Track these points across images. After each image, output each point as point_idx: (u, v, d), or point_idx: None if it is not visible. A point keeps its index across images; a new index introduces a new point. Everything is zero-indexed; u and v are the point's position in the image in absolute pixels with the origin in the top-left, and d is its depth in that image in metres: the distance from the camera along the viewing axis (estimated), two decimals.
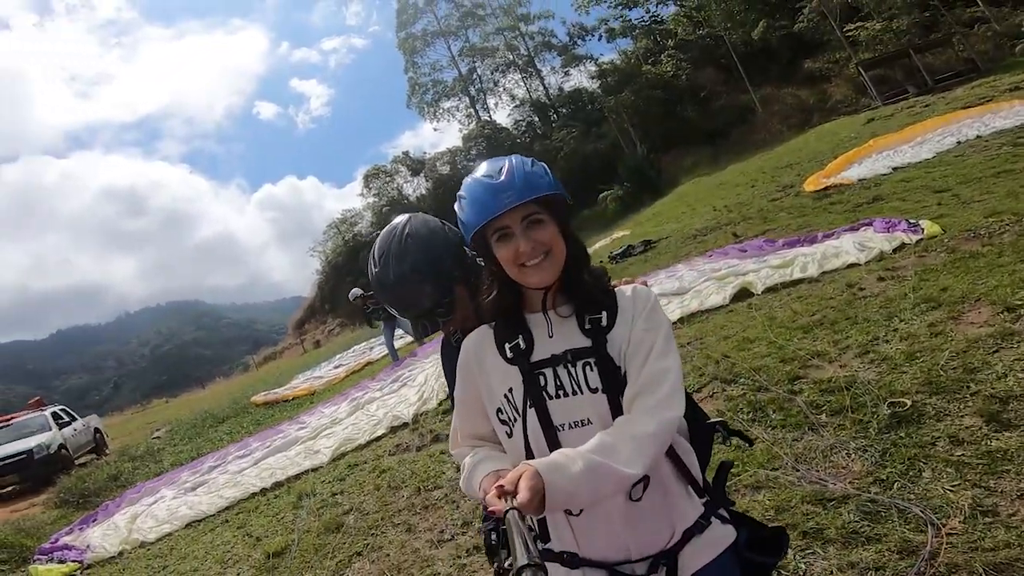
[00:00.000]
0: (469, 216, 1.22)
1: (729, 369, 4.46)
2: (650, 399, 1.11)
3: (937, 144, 11.31)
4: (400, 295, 1.48)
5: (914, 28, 26.62)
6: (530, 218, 1.19)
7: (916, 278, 4.90)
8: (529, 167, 1.22)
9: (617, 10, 42.44)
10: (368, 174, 47.19)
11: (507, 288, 1.26)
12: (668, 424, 1.10)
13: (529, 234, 1.18)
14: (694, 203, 19.07)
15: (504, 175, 1.19)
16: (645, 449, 1.06)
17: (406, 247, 1.47)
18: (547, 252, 1.19)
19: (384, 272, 1.47)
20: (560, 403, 1.17)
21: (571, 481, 0.99)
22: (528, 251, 1.18)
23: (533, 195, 1.17)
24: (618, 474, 1.02)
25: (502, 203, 1.17)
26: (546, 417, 1.17)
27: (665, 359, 1.15)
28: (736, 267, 7.53)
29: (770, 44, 32.88)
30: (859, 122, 20.45)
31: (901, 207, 7.70)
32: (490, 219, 1.18)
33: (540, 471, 0.98)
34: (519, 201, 1.16)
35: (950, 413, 2.84)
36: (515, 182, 1.18)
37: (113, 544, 5.75)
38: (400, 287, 1.46)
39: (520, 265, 1.19)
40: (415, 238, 1.48)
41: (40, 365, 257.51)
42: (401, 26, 49.35)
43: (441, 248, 1.49)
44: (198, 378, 53.24)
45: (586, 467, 1.00)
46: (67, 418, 14.83)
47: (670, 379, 1.13)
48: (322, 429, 7.82)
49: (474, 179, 1.24)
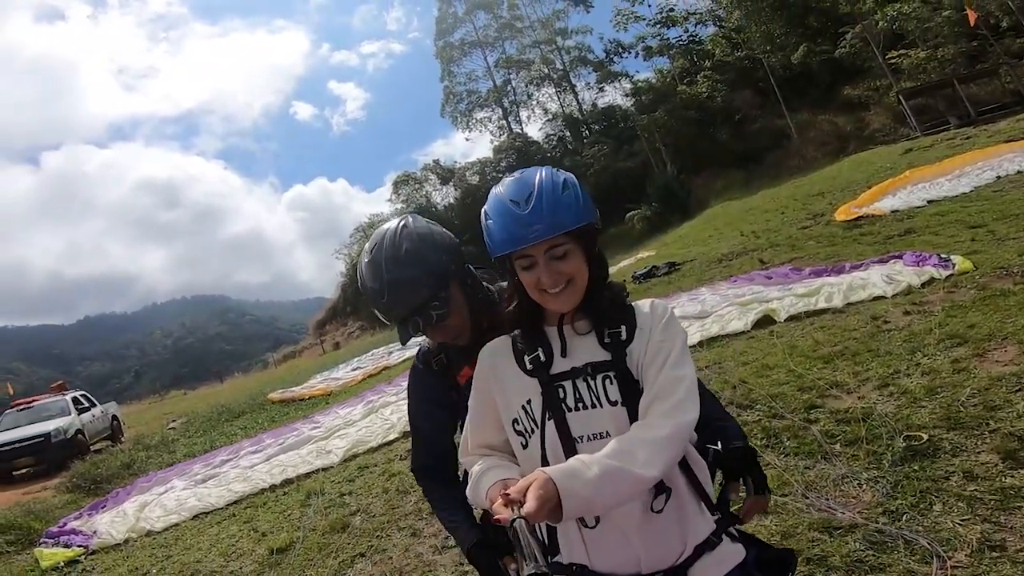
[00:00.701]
0: (494, 239, 1.21)
1: (746, 395, 4.44)
2: (665, 404, 1.11)
3: (976, 178, 11.07)
4: (392, 292, 1.41)
5: (960, 57, 26.15)
6: (554, 250, 1.17)
7: (943, 314, 4.83)
8: (559, 192, 1.18)
9: (655, 28, 42.55)
10: (398, 180, 47.67)
11: (528, 301, 1.26)
12: (683, 428, 1.11)
13: (552, 265, 1.17)
14: (722, 227, 18.94)
15: (532, 204, 1.16)
16: (661, 452, 1.06)
17: (401, 239, 1.44)
18: (569, 281, 1.19)
19: (373, 269, 1.44)
20: (579, 415, 1.17)
21: (587, 487, 0.99)
22: (550, 283, 1.18)
23: (561, 231, 1.16)
24: (635, 477, 1.02)
25: (528, 237, 1.15)
26: (565, 429, 1.17)
27: (681, 368, 1.16)
28: (760, 294, 7.47)
29: (809, 68, 32.61)
30: (896, 152, 20.13)
31: (933, 241, 7.57)
32: None
33: (555, 478, 0.98)
34: (546, 237, 1.15)
35: (966, 449, 2.80)
36: (543, 215, 1.15)
37: (120, 531, 5.80)
38: (392, 283, 1.41)
39: (541, 291, 1.20)
40: (410, 232, 1.46)
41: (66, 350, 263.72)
42: (440, 34, 49.99)
43: (437, 242, 1.46)
44: (217, 372, 53.96)
45: (602, 472, 1.00)
46: (87, 404, 15.04)
47: (685, 385, 1.14)
48: (336, 430, 7.92)
49: (500, 200, 1.21)
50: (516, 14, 48.87)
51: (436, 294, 1.42)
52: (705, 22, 42.57)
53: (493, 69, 48.64)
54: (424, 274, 1.41)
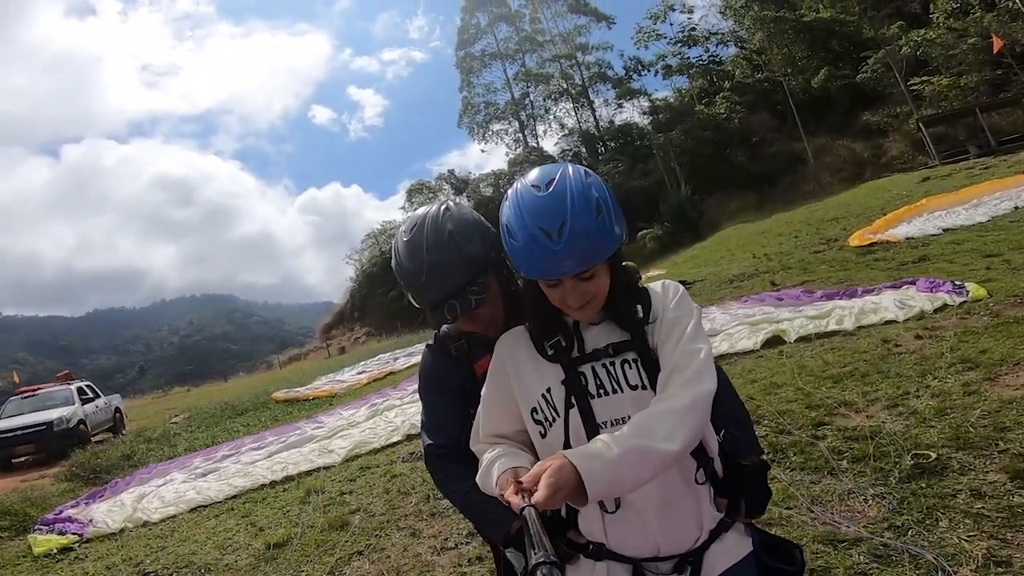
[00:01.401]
0: (520, 264, 1.18)
1: (753, 411, 4.41)
2: (683, 375, 1.10)
3: (993, 208, 11.04)
4: (435, 268, 1.36)
5: (983, 85, 26.03)
6: (584, 274, 1.15)
7: (955, 339, 4.80)
8: (593, 221, 1.12)
9: (676, 47, 42.77)
10: (412, 188, 48.21)
11: (546, 301, 1.25)
12: (703, 398, 1.09)
13: (579, 287, 1.16)
14: (734, 249, 18.91)
15: (564, 238, 1.10)
16: (682, 423, 1.04)
17: (444, 221, 1.40)
18: (593, 297, 1.19)
19: (412, 249, 1.39)
20: (602, 401, 1.17)
21: (610, 467, 0.97)
22: (576, 303, 1.17)
23: (595, 262, 1.14)
24: (659, 453, 1.00)
25: (558, 271, 1.13)
26: (590, 416, 1.17)
27: (696, 341, 1.15)
28: (771, 314, 7.45)
29: (829, 93, 32.62)
30: (913, 180, 20.06)
31: (948, 269, 7.53)
32: None
33: (575, 461, 0.96)
34: (579, 269, 1.13)
35: (975, 468, 2.78)
36: (576, 251, 1.11)
37: (116, 521, 5.77)
38: (437, 259, 1.36)
39: (565, 305, 1.20)
40: (453, 216, 1.42)
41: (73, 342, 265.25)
42: (461, 45, 50.61)
43: (479, 230, 1.43)
44: (221, 371, 54.17)
45: (625, 450, 0.98)
46: (91, 394, 14.97)
47: (702, 356, 1.13)
48: (339, 430, 7.94)
49: (527, 227, 1.13)
50: (538, 28, 49.45)
51: (475, 279, 1.37)
52: (726, 42, 42.85)
53: (512, 82, 49.15)
54: (465, 258, 1.37)
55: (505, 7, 49.89)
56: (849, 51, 32.83)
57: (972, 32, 25.58)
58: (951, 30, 26.49)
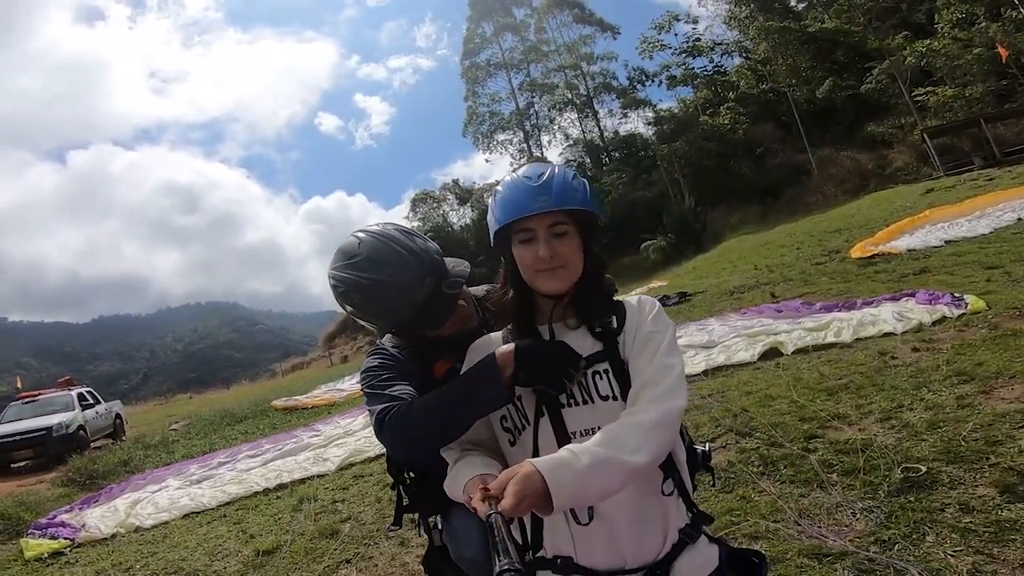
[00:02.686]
0: (499, 211, 1.24)
1: (746, 423, 4.39)
2: (654, 390, 1.11)
3: (996, 220, 10.95)
4: (408, 274, 1.42)
5: (988, 96, 25.88)
6: (556, 227, 1.20)
7: (952, 351, 4.76)
8: (570, 179, 1.23)
9: (681, 57, 42.80)
10: (416, 198, 48.09)
11: (522, 292, 1.28)
12: (673, 413, 1.10)
13: (552, 244, 1.20)
14: (736, 260, 18.86)
15: (543, 179, 1.21)
16: (651, 438, 1.05)
17: (403, 234, 1.49)
18: (563, 265, 1.21)
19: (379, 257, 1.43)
20: (574, 411, 1.18)
21: (577, 477, 0.97)
22: (546, 258, 1.19)
23: (566, 205, 1.19)
24: (625, 465, 1.01)
25: (534, 206, 1.18)
26: (561, 425, 1.17)
27: (671, 357, 1.16)
28: (769, 326, 7.41)
29: (834, 104, 32.57)
30: (917, 192, 19.99)
31: (948, 281, 7.48)
32: (519, 218, 1.20)
33: (543, 470, 0.97)
34: (551, 208, 1.18)
35: (964, 482, 2.75)
36: (552, 189, 1.19)
37: (109, 526, 5.77)
38: (405, 266, 1.43)
39: (535, 270, 1.21)
40: (403, 231, 1.51)
41: (77, 348, 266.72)
42: (467, 54, 50.60)
43: (428, 240, 1.54)
44: (224, 379, 54.21)
45: (592, 461, 0.99)
46: (91, 400, 15.06)
47: (675, 373, 1.14)
48: (335, 438, 7.93)
49: (513, 177, 1.26)
50: (543, 38, 49.42)
51: (443, 279, 1.48)
52: (731, 53, 42.89)
53: (517, 91, 49.10)
54: (432, 261, 1.48)
55: (511, 17, 50.05)
56: (854, 62, 32.75)
57: (977, 42, 25.44)
58: (956, 40, 26.34)
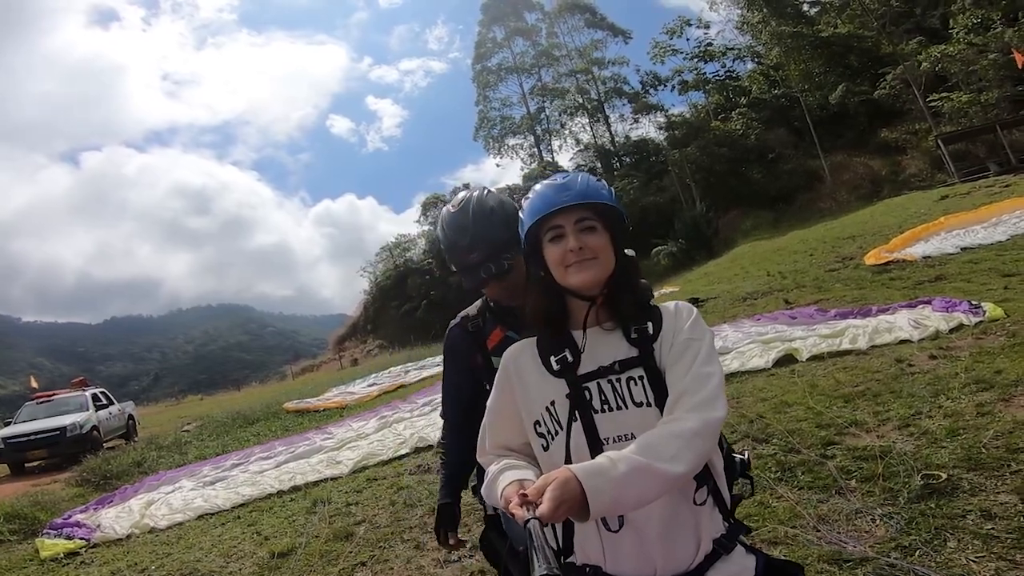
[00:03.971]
0: (528, 212, 1.28)
1: (763, 429, 4.39)
2: (693, 399, 1.11)
3: (1013, 226, 10.88)
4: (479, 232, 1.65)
5: (1004, 102, 25.59)
6: (584, 223, 1.23)
7: (970, 359, 4.75)
8: (593, 180, 1.29)
9: (693, 62, 42.54)
10: (427, 202, 47.97)
11: (553, 297, 1.28)
12: (712, 424, 1.10)
13: (580, 236, 1.22)
14: (748, 266, 18.77)
15: (567, 179, 1.28)
16: (690, 447, 1.05)
17: (487, 199, 1.71)
18: (593, 257, 1.22)
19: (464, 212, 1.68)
20: (606, 417, 1.17)
21: (615, 484, 0.97)
22: (576, 249, 1.21)
23: (591, 199, 1.23)
24: (663, 474, 1.01)
25: (560, 200, 1.23)
26: (593, 431, 1.17)
27: (710, 365, 1.16)
28: (783, 333, 7.41)
29: (847, 109, 32.32)
30: (931, 198, 19.84)
31: (965, 288, 7.44)
32: (547, 213, 1.23)
33: (580, 477, 0.97)
34: (577, 201, 1.22)
35: (985, 489, 2.75)
36: (577, 185, 1.25)
37: (123, 527, 5.79)
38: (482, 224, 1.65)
39: (565, 266, 1.22)
40: (494, 196, 1.73)
41: (90, 349, 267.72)
42: (478, 59, 50.49)
43: (512, 212, 1.66)
44: (235, 380, 54.34)
45: (629, 469, 0.99)
46: (105, 401, 15.13)
47: (714, 382, 1.14)
48: (348, 441, 7.97)
49: (541, 182, 1.33)
50: (554, 42, 49.21)
51: (508, 249, 1.63)
52: (743, 58, 42.62)
53: (528, 96, 48.99)
54: (503, 228, 1.63)
55: (522, 21, 49.99)
56: (867, 67, 32.51)
57: (993, 47, 25.18)
58: (971, 45, 26.08)
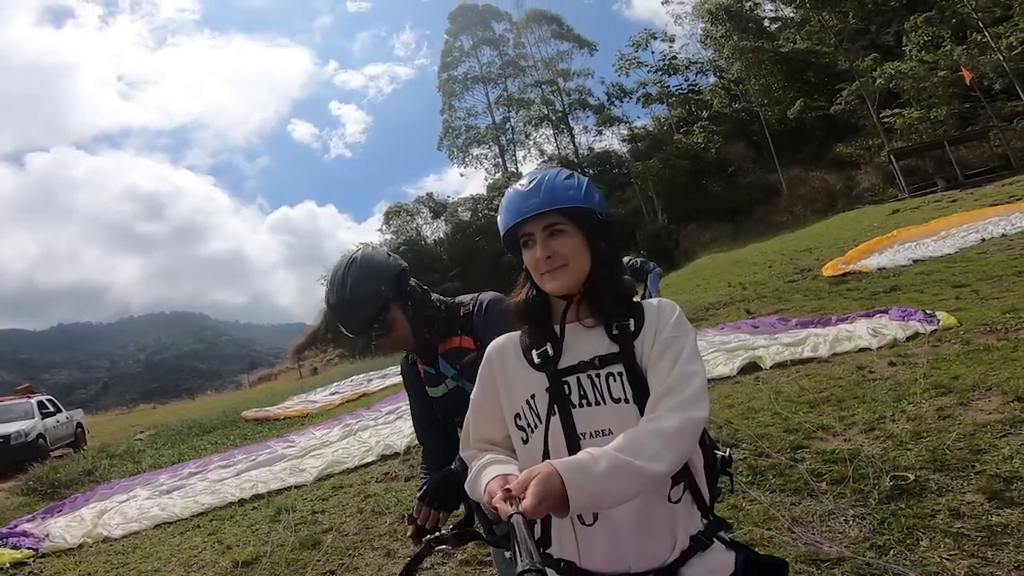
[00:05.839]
0: (501, 220, 1.27)
1: (732, 434, 4.44)
2: (676, 398, 1.10)
3: (961, 240, 11.41)
4: (341, 314, 1.68)
5: (952, 118, 26.69)
6: (552, 228, 1.21)
7: (928, 365, 4.90)
8: (562, 179, 1.24)
9: (657, 75, 43.50)
10: (389, 211, 47.30)
11: (537, 293, 1.28)
12: (694, 424, 1.09)
13: (549, 243, 1.20)
14: (709, 277, 19.11)
15: (534, 183, 1.23)
16: (671, 446, 1.04)
17: (348, 273, 1.68)
18: (564, 264, 1.21)
19: (330, 294, 1.70)
20: (584, 412, 1.17)
21: (595, 481, 0.97)
22: (544, 259, 1.20)
23: (553, 206, 1.20)
24: (643, 472, 1.00)
25: (524, 209, 1.21)
26: (570, 425, 1.16)
27: (693, 364, 1.15)
28: (746, 342, 7.51)
29: (804, 124, 33.39)
30: (884, 212, 20.63)
31: (918, 298, 7.71)
32: (514, 224, 1.23)
33: (562, 472, 0.96)
34: (538, 210, 1.20)
35: (952, 489, 2.83)
36: (540, 192, 1.21)
37: (74, 536, 5.56)
38: (340, 308, 1.67)
39: (539, 273, 1.22)
40: (357, 265, 1.69)
41: (34, 356, 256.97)
42: (444, 67, 50.53)
43: (379, 273, 1.69)
44: (189, 389, 52.55)
45: (610, 466, 0.98)
46: (52, 408, 14.71)
47: (697, 381, 1.12)
48: (311, 449, 7.77)
49: (510, 188, 1.29)
50: (521, 52, 49.65)
51: (376, 317, 1.66)
52: (706, 72, 43.77)
53: (493, 106, 49.13)
54: (364, 302, 1.65)
55: (489, 31, 50.29)
56: (824, 83, 33.63)
57: (943, 65, 26.32)
58: (923, 63, 27.25)
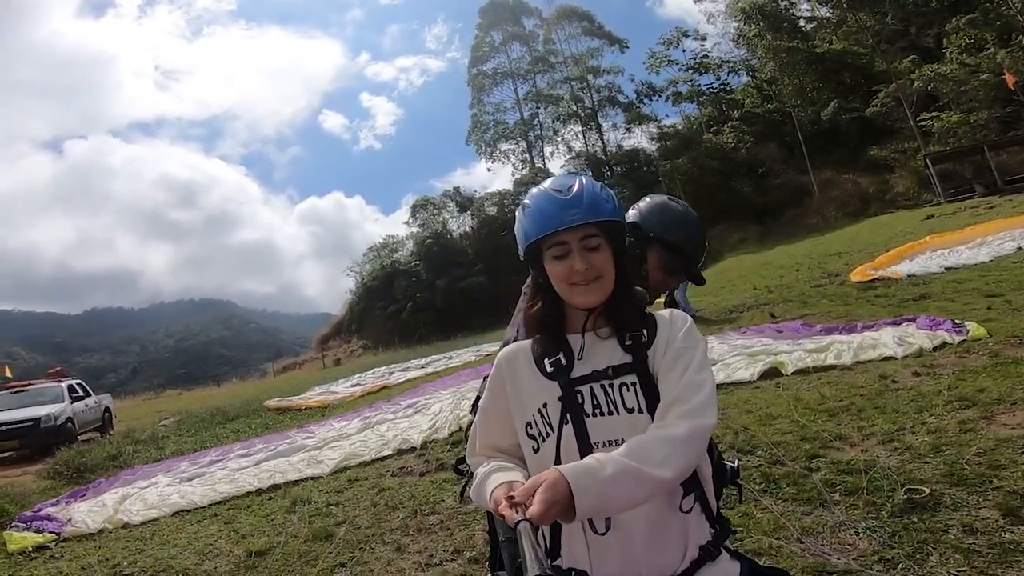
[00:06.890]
0: (530, 225, 1.25)
1: (748, 441, 4.40)
2: (684, 406, 1.11)
3: (996, 248, 11.09)
4: None
5: (992, 123, 25.92)
6: (589, 240, 1.21)
7: (953, 377, 4.80)
8: (598, 190, 1.25)
9: (688, 74, 42.95)
10: (416, 204, 47.51)
11: (552, 303, 1.28)
12: (702, 431, 1.10)
13: (586, 256, 1.21)
14: (735, 279, 18.87)
15: (574, 192, 1.23)
16: (679, 452, 1.05)
17: None
18: (598, 277, 1.22)
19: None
20: (597, 421, 1.18)
21: (602, 486, 0.98)
22: (582, 271, 1.20)
23: (598, 218, 1.21)
24: (650, 478, 1.01)
25: (567, 219, 1.20)
26: (583, 434, 1.17)
27: (702, 373, 1.17)
28: (769, 346, 7.43)
29: (838, 126, 32.64)
30: (918, 217, 20.14)
31: (948, 307, 7.52)
32: (551, 232, 1.22)
33: (568, 477, 0.97)
34: (584, 221, 1.20)
35: (968, 504, 2.78)
36: (583, 201, 1.21)
37: (96, 521, 5.65)
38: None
39: (571, 284, 1.22)
40: None
41: (68, 339, 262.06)
42: (474, 62, 50.62)
43: None
44: (215, 376, 53.51)
45: (617, 471, 0.99)
46: (81, 392, 14.91)
47: (706, 390, 1.14)
48: (329, 441, 7.85)
49: (541, 190, 1.28)
50: (551, 48, 49.51)
51: None
52: (738, 71, 43.13)
53: (522, 101, 49.01)
54: None
55: (520, 26, 50.20)
56: (860, 84, 32.83)
57: (985, 68, 25.48)
58: (964, 65, 26.42)
